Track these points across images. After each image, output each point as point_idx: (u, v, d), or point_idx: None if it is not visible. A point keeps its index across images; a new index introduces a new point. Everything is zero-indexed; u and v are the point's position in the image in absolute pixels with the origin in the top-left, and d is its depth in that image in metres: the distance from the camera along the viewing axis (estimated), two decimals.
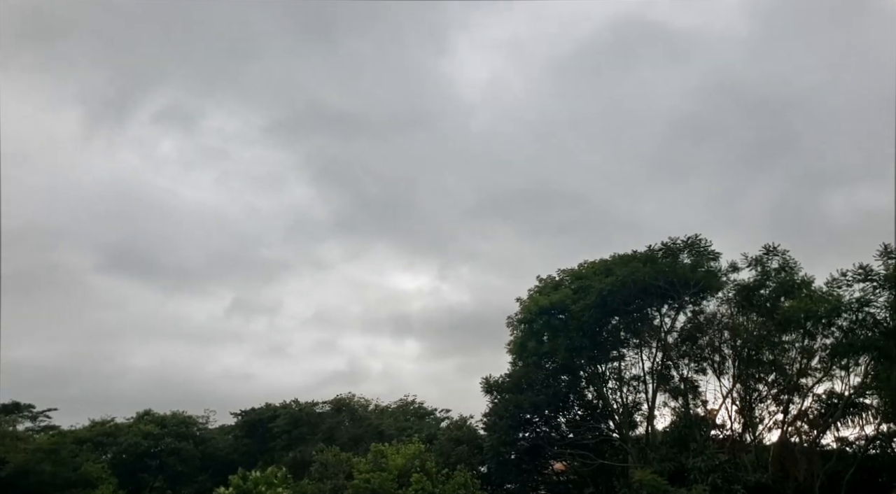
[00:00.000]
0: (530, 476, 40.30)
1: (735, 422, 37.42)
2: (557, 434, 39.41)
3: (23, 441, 50.87)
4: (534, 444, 38.56)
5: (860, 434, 35.38)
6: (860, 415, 34.99)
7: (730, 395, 37.09)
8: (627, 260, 38.05)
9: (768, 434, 36.96)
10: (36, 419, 58.17)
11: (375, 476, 37.48)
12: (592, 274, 38.75)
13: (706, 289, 37.07)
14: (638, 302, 37.91)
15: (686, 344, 38.57)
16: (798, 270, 35.92)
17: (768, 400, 37.10)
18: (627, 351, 40.00)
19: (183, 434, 57.58)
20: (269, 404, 58.77)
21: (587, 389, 40.82)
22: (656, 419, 39.05)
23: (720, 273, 36.99)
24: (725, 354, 37.44)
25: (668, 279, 36.15)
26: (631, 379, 40.00)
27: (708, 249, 37.31)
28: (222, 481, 38.81)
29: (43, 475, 46.72)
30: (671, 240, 37.66)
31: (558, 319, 38.46)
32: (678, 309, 38.20)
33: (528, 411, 38.38)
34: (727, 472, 32.77)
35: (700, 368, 38.39)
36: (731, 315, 36.97)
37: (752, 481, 32.41)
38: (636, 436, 39.41)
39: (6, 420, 55.70)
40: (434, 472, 37.61)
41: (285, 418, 55.75)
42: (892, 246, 32.07)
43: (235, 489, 36.48)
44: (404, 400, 62.58)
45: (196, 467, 56.02)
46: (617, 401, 39.99)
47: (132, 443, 54.88)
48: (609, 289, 36.37)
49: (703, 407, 38.44)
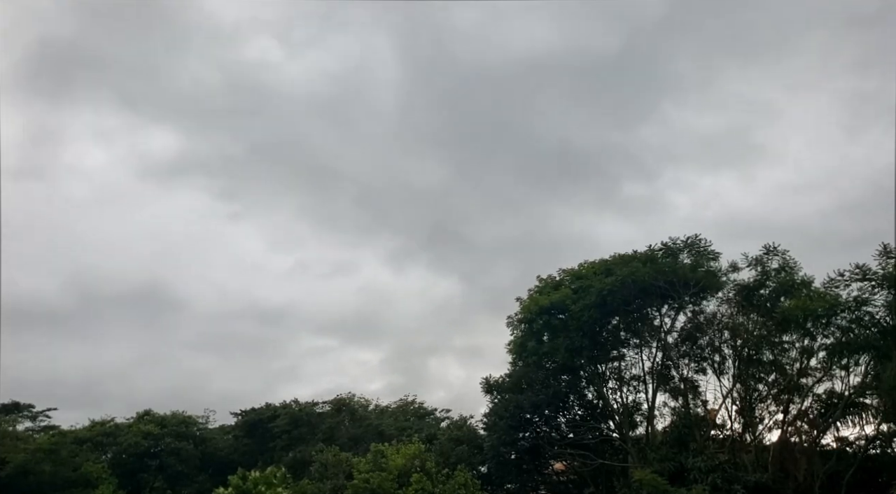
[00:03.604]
0: (530, 476, 40.25)
1: (735, 422, 37.50)
2: (557, 434, 39.36)
3: (23, 441, 50.86)
4: (534, 444, 38.50)
5: (860, 434, 35.44)
6: (860, 415, 34.96)
7: (730, 395, 37.13)
8: (628, 260, 38.03)
9: (768, 434, 37.05)
10: (36, 419, 58.14)
11: (375, 476, 37.49)
12: (593, 273, 38.74)
13: (706, 289, 37.07)
14: (638, 302, 37.94)
15: (686, 344, 38.59)
16: (798, 270, 35.96)
17: (768, 400, 37.13)
18: (627, 351, 40.04)
19: (183, 434, 57.56)
20: (269, 404, 58.78)
21: (587, 389, 40.82)
22: (656, 419, 39.17)
23: (720, 273, 36.98)
24: (725, 354, 37.49)
25: (668, 279, 36.14)
26: (631, 379, 40.04)
27: (708, 249, 37.32)
28: (222, 481, 38.87)
29: (43, 475, 46.75)
30: (671, 240, 37.72)
31: (558, 319, 38.47)
32: (678, 309, 38.19)
33: (528, 411, 38.33)
34: (727, 472, 32.75)
35: (700, 368, 38.41)
36: (731, 315, 36.99)
37: (752, 481, 32.40)
38: (636, 436, 39.42)
39: (6, 420, 55.65)
40: (434, 472, 37.62)
41: (285, 418, 55.73)
42: (891, 245, 32.08)
43: (235, 489, 36.51)
44: (404, 400, 62.71)
45: (196, 467, 55.99)
46: (617, 401, 40.00)
47: (132, 443, 54.87)
48: (609, 289, 36.37)
49: (703, 407, 38.43)
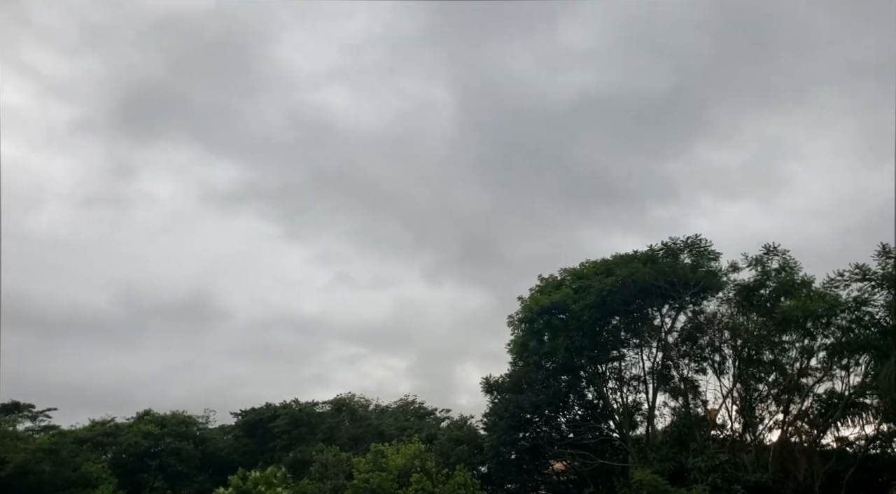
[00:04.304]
0: (530, 476, 40.24)
1: (735, 422, 37.50)
2: (557, 434, 39.34)
3: (23, 441, 50.81)
4: (534, 444, 38.48)
5: (860, 434, 35.42)
6: (860, 415, 34.95)
7: (730, 395, 37.13)
8: (628, 260, 38.04)
9: (768, 434, 37.03)
10: (36, 419, 58.13)
11: (375, 476, 37.47)
12: (593, 273, 38.73)
13: (706, 289, 37.07)
14: (638, 302, 37.94)
15: (686, 344, 38.59)
16: (798, 270, 35.97)
17: (768, 400, 37.12)
18: (627, 351, 40.01)
19: (183, 434, 57.53)
20: (269, 404, 58.77)
21: (587, 389, 40.81)
22: (656, 419, 39.13)
23: (720, 273, 36.98)
24: (725, 354, 37.49)
25: (669, 279, 36.14)
26: (631, 378, 40.03)
27: (708, 249, 37.32)
28: (222, 481, 38.86)
29: (43, 475, 46.71)
30: (671, 240, 37.71)
31: (559, 319, 38.44)
32: (678, 309, 38.18)
33: (528, 411, 38.31)
34: (727, 472, 32.74)
35: (700, 368, 38.40)
36: (732, 315, 36.99)
37: (752, 481, 32.39)
38: (636, 436, 39.40)
39: (6, 420, 55.61)
40: (434, 472, 37.61)
41: (285, 418, 55.71)
42: (890, 245, 32.08)
43: (235, 489, 36.50)
44: (404, 400, 62.70)
45: (196, 467, 55.97)
46: (617, 401, 39.98)
47: (132, 443, 54.86)
48: (609, 289, 36.37)
49: (703, 407, 38.43)
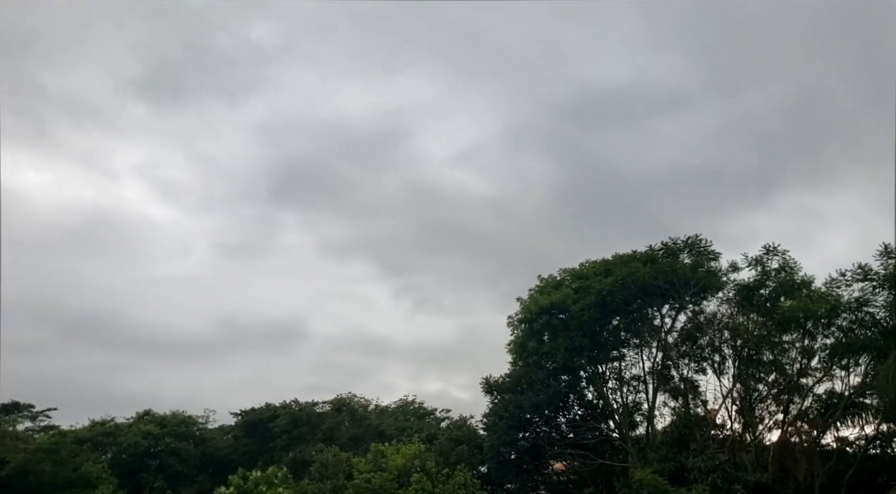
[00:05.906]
0: (530, 476, 40.19)
1: (735, 422, 37.50)
2: (557, 434, 39.33)
3: (23, 441, 50.77)
4: (534, 444, 38.45)
5: (860, 434, 35.40)
6: (860, 415, 34.94)
7: (730, 395, 37.13)
8: (628, 259, 38.03)
9: (768, 434, 37.03)
10: (36, 419, 58.02)
11: (375, 476, 37.47)
12: (593, 273, 38.71)
13: (706, 289, 37.04)
14: (638, 302, 37.91)
15: (686, 344, 38.56)
16: (798, 270, 35.97)
17: (768, 400, 37.11)
18: (627, 351, 39.96)
19: (183, 434, 57.51)
20: (269, 404, 58.75)
21: (587, 389, 40.80)
22: (656, 419, 39.08)
23: (720, 273, 36.96)
24: (725, 354, 37.47)
25: (669, 279, 36.12)
26: (631, 379, 40.01)
27: (708, 249, 37.31)
28: (222, 481, 38.89)
29: (43, 475, 46.66)
30: (671, 240, 37.67)
31: (558, 319, 38.39)
32: (678, 309, 38.16)
33: (528, 411, 38.30)
34: (727, 472, 32.72)
35: (700, 368, 38.38)
36: (731, 315, 36.98)
37: (752, 481, 32.39)
38: (636, 436, 39.38)
39: (6, 420, 55.58)
40: (434, 472, 37.60)
41: (285, 418, 55.67)
42: (892, 245, 32.07)
43: (235, 489, 36.56)
44: (404, 400, 62.68)
45: (196, 467, 55.94)
46: (617, 401, 39.96)
47: (132, 443, 54.82)
48: (609, 289, 36.34)
49: (703, 407, 38.42)
